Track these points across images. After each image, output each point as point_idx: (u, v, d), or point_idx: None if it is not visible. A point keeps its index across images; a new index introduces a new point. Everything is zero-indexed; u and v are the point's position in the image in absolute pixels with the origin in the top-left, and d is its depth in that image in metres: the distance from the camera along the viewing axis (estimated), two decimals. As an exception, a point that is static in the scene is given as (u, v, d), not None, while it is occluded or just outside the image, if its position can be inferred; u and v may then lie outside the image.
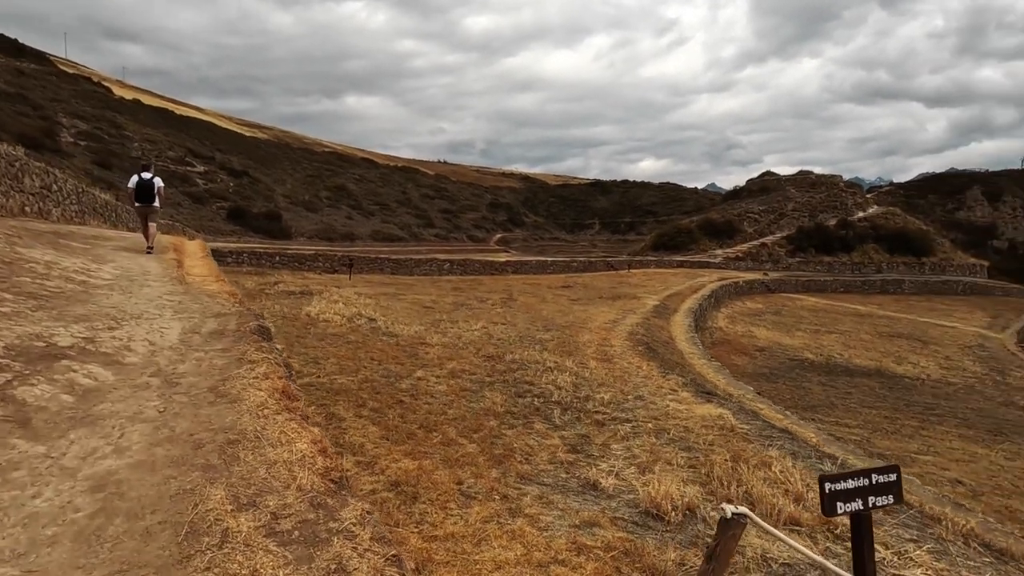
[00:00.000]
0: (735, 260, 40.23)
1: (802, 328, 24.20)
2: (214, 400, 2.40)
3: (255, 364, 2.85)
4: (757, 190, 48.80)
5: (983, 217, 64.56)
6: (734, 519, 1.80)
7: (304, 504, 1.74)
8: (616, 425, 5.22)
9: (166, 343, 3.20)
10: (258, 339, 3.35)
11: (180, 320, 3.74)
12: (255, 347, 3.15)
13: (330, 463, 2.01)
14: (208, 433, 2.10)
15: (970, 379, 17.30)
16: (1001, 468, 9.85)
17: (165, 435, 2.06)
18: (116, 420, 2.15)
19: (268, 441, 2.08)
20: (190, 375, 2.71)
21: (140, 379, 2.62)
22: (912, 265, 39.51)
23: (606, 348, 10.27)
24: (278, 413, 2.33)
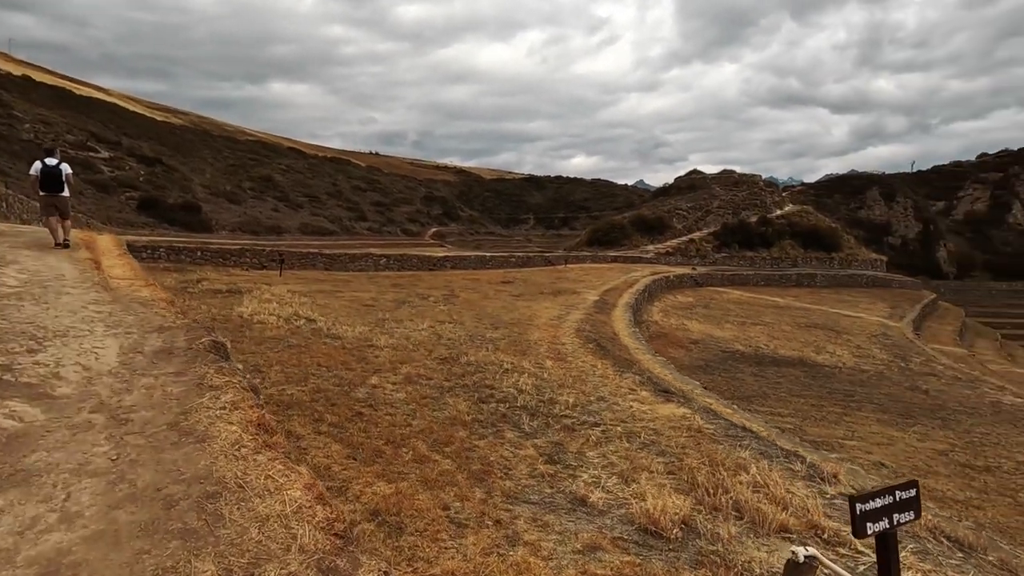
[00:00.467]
0: (665, 255, 41.77)
1: (730, 320, 25.41)
2: (178, 440, 2.03)
3: (219, 390, 2.48)
4: (685, 187, 50.83)
5: (880, 216, 70.66)
6: (805, 563, 1.71)
7: (312, 571, 1.46)
8: (586, 430, 5.13)
9: (104, 367, 2.74)
10: (215, 358, 2.94)
11: (115, 337, 3.23)
12: (214, 369, 2.76)
13: (331, 512, 1.74)
14: (179, 486, 1.75)
15: (879, 366, 18.85)
16: (915, 449, 10.74)
17: (125, 492, 1.70)
18: (57, 475, 1.75)
19: (254, 490, 1.77)
20: (142, 408, 2.30)
21: (79, 417, 2.19)
22: (823, 260, 42.56)
23: (558, 346, 10.24)
24: (258, 452, 2.00)
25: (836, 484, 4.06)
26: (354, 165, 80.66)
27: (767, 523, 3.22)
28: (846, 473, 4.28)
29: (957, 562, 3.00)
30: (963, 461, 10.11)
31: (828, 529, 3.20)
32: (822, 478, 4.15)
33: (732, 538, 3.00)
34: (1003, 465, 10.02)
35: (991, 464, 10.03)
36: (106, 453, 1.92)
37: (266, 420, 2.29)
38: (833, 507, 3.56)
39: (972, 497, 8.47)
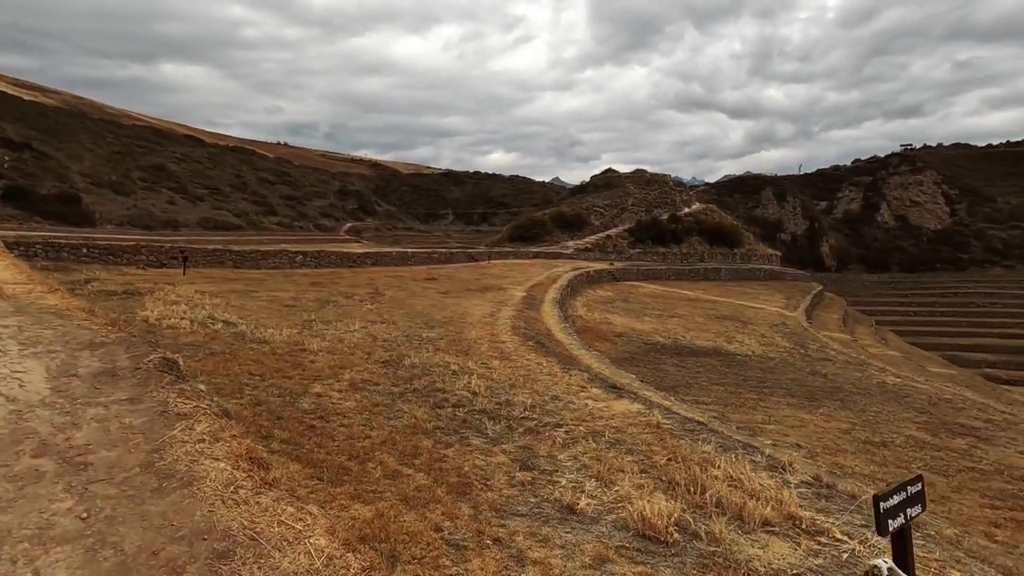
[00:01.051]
0: (584, 251, 42.96)
1: (648, 314, 26.55)
2: (159, 486, 1.67)
3: (189, 419, 2.10)
4: (601, 186, 52.51)
5: (773, 214, 76.93)
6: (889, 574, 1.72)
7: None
8: (550, 431, 5.07)
9: (33, 396, 2.24)
10: (172, 379, 2.52)
11: (37, 357, 2.68)
12: (175, 392, 2.35)
13: (364, 559, 1.51)
14: (179, 545, 1.42)
15: (783, 353, 20.51)
16: (824, 430, 11.76)
17: (112, 562, 1.34)
18: (13, 547, 1.34)
19: (271, 542, 1.49)
20: (100, 447, 1.88)
21: (20, 463, 1.75)
22: (727, 255, 45.63)
23: (499, 345, 10.14)
24: (259, 493, 1.71)
25: (794, 472, 4.27)
26: (261, 156, 75.86)
27: (751, 518, 3.31)
28: (800, 462, 4.52)
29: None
30: (864, 438, 11.20)
31: (804, 519, 3.34)
32: (782, 468, 4.34)
33: (725, 536, 3.05)
34: (895, 440, 11.22)
35: (886, 440, 11.21)
36: (71, 510, 1.52)
37: (256, 452, 1.97)
38: (802, 496, 3.73)
39: (876, 471, 9.39)
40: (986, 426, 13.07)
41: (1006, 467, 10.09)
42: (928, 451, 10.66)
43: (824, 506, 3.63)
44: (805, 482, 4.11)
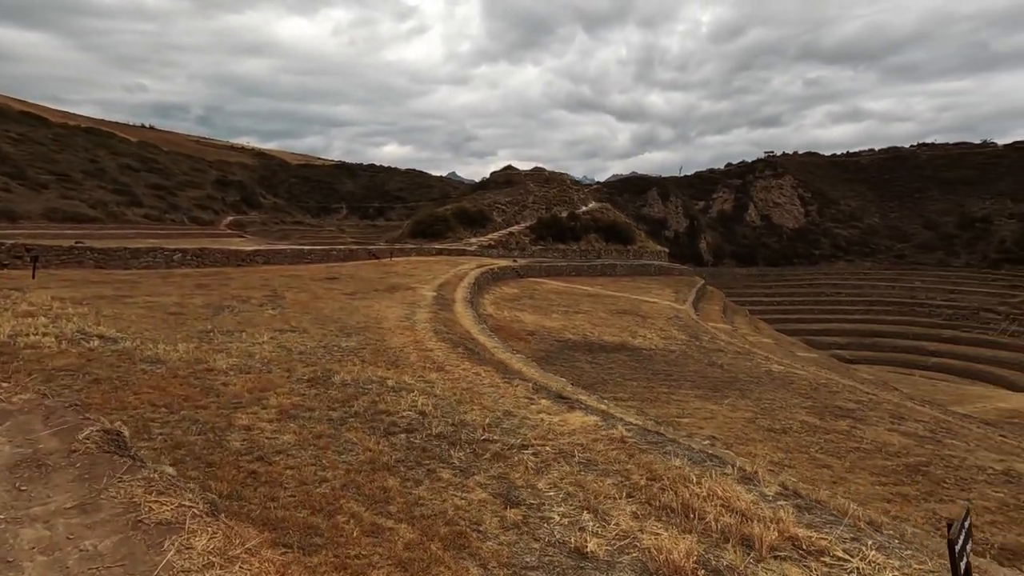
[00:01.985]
0: (488, 248, 42.98)
1: (555, 310, 27.08)
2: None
3: (179, 530, 1.50)
4: (502, 182, 52.82)
5: (658, 212, 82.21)
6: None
7: None
8: (518, 455, 4.78)
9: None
10: (128, 461, 1.87)
11: None
12: (141, 485, 1.72)
13: None
14: None
15: (682, 346, 21.86)
16: (732, 420, 12.60)
17: None
18: None
19: None
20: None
21: None
22: (621, 252, 47.94)
23: (428, 353, 9.63)
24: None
25: (766, 484, 4.35)
26: (122, 139, 67.25)
27: (759, 544, 3.26)
28: (764, 471, 4.63)
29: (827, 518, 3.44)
30: (767, 426, 12.16)
31: (803, 539, 3.36)
32: (754, 479, 4.41)
33: (747, 570, 2.97)
34: (792, 426, 12.31)
35: (785, 426, 12.25)
36: None
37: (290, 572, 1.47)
38: (789, 511, 3.78)
39: (783, 458, 10.20)
40: (859, 407, 14.80)
41: (882, 444, 11.45)
42: (819, 435, 11.81)
43: (809, 520, 3.69)
44: (779, 493, 4.20)
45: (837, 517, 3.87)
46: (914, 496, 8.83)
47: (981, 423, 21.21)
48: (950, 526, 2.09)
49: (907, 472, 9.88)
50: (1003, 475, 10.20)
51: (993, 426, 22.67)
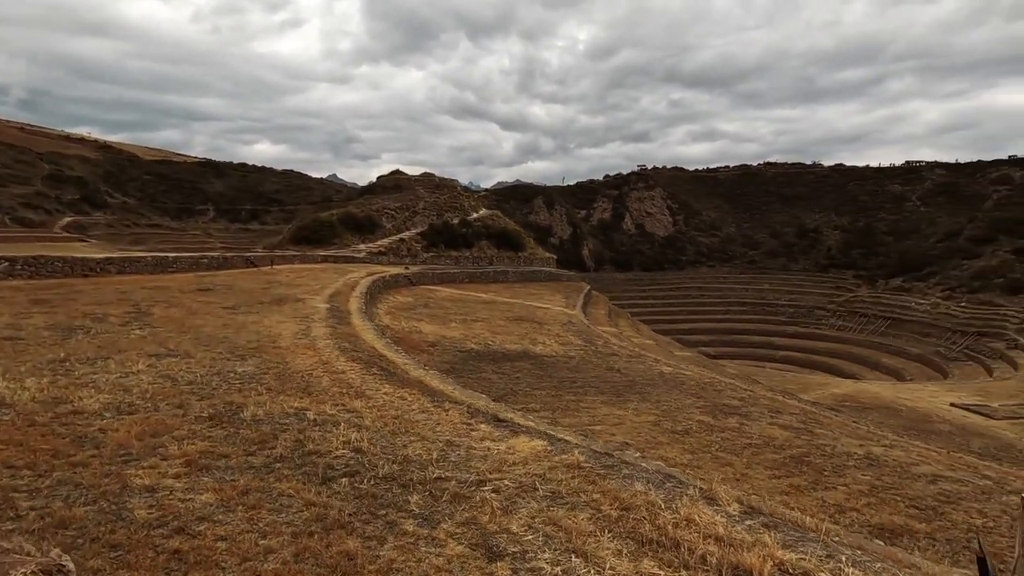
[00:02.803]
0: (378, 254, 41.44)
1: (453, 319, 26.71)
2: None
3: None
4: (391, 187, 51.32)
5: (544, 220, 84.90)
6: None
7: None
8: (479, 493, 4.45)
9: None
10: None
11: None
12: None
13: None
14: None
15: (580, 352, 22.56)
16: (639, 424, 13.13)
17: None
18: None
19: None
20: None
21: None
22: (512, 259, 48.69)
23: (340, 376, 8.83)
24: None
25: (727, 503, 4.44)
26: (-86, 121, 55.53)
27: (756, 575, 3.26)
28: (719, 487, 4.74)
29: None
30: (670, 428, 12.82)
31: (789, 563, 3.42)
32: (716, 500, 4.48)
33: (757, 607, 2.93)
34: (692, 427, 13.11)
35: (686, 427, 13.02)
36: None
37: None
38: (764, 532, 3.85)
39: (691, 459, 10.79)
40: (742, 404, 16.22)
41: (769, 439, 12.59)
42: (716, 433, 12.70)
43: (782, 539, 3.79)
44: (743, 512, 4.29)
45: (801, 532, 4.02)
46: (804, 486, 9.77)
47: (827, 409, 24.35)
48: (979, 544, 2.20)
49: (794, 464, 10.93)
50: (866, 459, 11.67)
51: (835, 411, 26.09)
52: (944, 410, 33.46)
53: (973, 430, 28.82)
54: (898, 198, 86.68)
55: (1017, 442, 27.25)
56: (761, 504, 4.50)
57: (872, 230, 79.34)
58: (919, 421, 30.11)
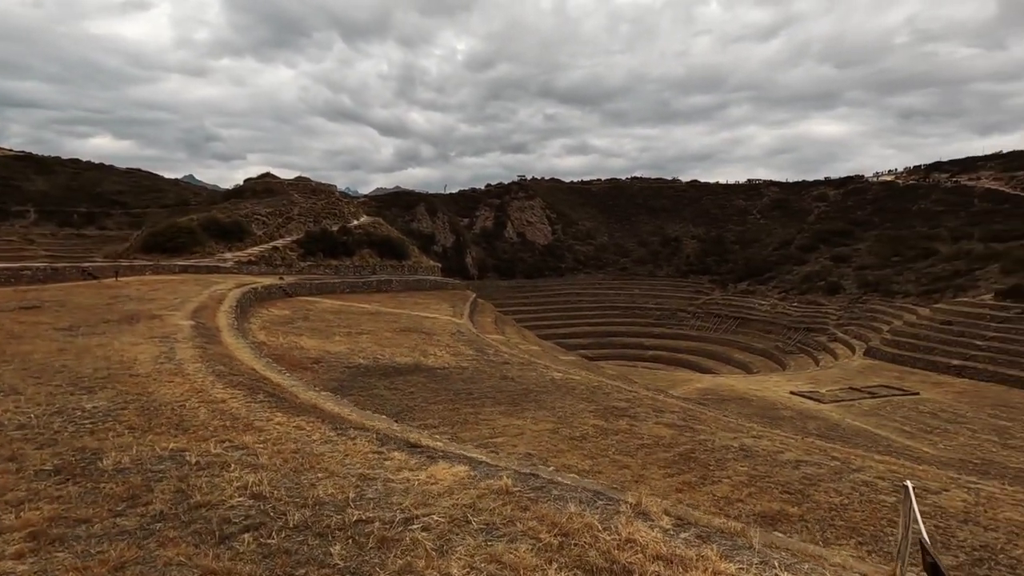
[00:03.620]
0: (248, 264, 38.13)
1: (337, 332, 25.28)
2: None
3: None
4: (261, 191, 47.60)
5: (427, 228, 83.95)
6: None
7: None
8: (408, 534, 4.07)
9: None
10: None
11: None
12: None
13: None
14: None
15: (473, 362, 22.35)
16: (538, 433, 13.21)
17: None
18: None
19: None
20: None
21: None
22: (396, 267, 47.40)
23: (219, 406, 7.76)
24: None
25: (658, 516, 4.50)
26: None
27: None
28: (647, 500, 4.81)
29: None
30: (568, 435, 13.07)
31: (731, 575, 3.50)
32: (648, 514, 4.52)
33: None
34: (588, 432, 13.49)
35: (583, 433, 13.35)
36: None
37: None
38: (700, 545, 3.93)
39: (592, 465, 11.04)
40: (629, 405, 17.06)
41: (658, 438, 13.34)
42: (611, 436, 13.19)
43: (718, 551, 3.88)
44: (675, 524, 4.36)
45: (731, 539, 4.16)
46: (695, 482, 10.44)
47: (697, 403, 26.60)
48: (923, 548, 2.37)
49: (683, 461, 11.66)
50: (741, 451, 12.81)
51: (703, 404, 28.56)
52: (786, 398, 38.11)
53: (809, 414, 33.12)
54: (742, 211, 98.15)
55: (841, 422, 31.77)
56: (687, 514, 4.62)
57: (722, 239, 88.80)
58: (767, 409, 34.01)
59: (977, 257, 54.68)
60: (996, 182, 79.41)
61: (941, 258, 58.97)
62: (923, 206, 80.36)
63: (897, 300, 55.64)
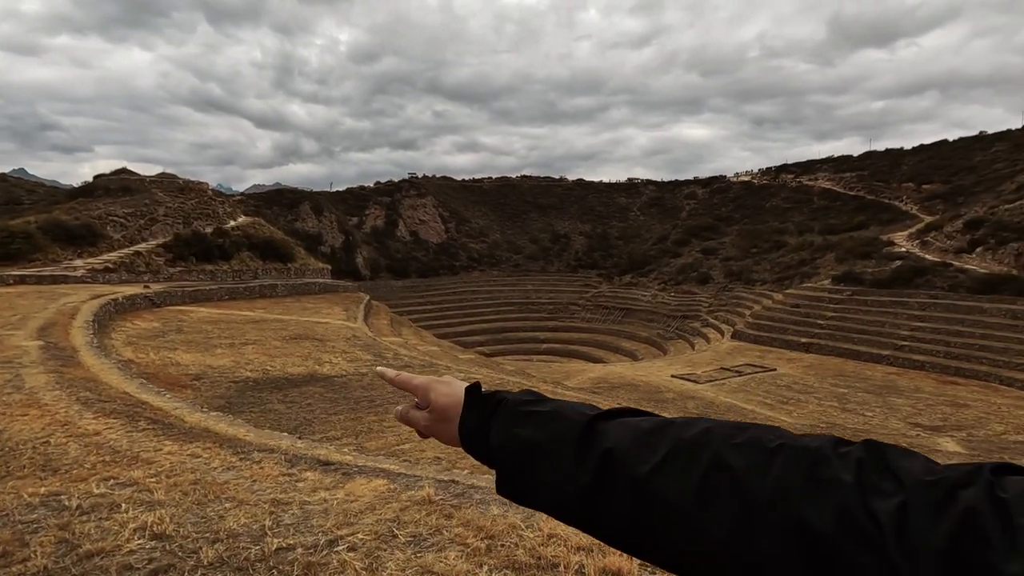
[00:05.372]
0: (104, 272, 33.96)
1: (219, 344, 23.46)
2: None
3: None
4: (117, 189, 42.52)
5: (313, 228, 79.94)
6: None
7: None
8: (334, 557, 4.02)
9: None
10: None
11: None
12: None
13: None
14: None
15: (372, 367, 21.73)
16: (445, 436, 13.15)
17: None
18: None
19: None
20: None
21: None
22: (281, 271, 44.71)
23: (94, 439, 6.94)
24: None
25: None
26: None
27: (627, 573, 3.60)
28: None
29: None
30: (475, 435, 13.24)
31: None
32: (565, 506, 4.84)
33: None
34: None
35: (488, 431, 13.57)
36: None
37: None
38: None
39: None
40: (531, 401, 17.63)
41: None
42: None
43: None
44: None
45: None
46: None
47: (591, 393, 28.09)
48: None
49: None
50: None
51: (597, 393, 30.20)
52: (668, 381, 41.37)
53: (688, 394, 36.25)
54: (624, 209, 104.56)
55: (715, 400, 35.14)
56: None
57: (607, 235, 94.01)
58: (653, 392, 36.73)
59: (817, 248, 62.98)
60: (830, 182, 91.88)
61: (790, 249, 67.14)
62: (774, 203, 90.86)
63: (756, 287, 62.52)
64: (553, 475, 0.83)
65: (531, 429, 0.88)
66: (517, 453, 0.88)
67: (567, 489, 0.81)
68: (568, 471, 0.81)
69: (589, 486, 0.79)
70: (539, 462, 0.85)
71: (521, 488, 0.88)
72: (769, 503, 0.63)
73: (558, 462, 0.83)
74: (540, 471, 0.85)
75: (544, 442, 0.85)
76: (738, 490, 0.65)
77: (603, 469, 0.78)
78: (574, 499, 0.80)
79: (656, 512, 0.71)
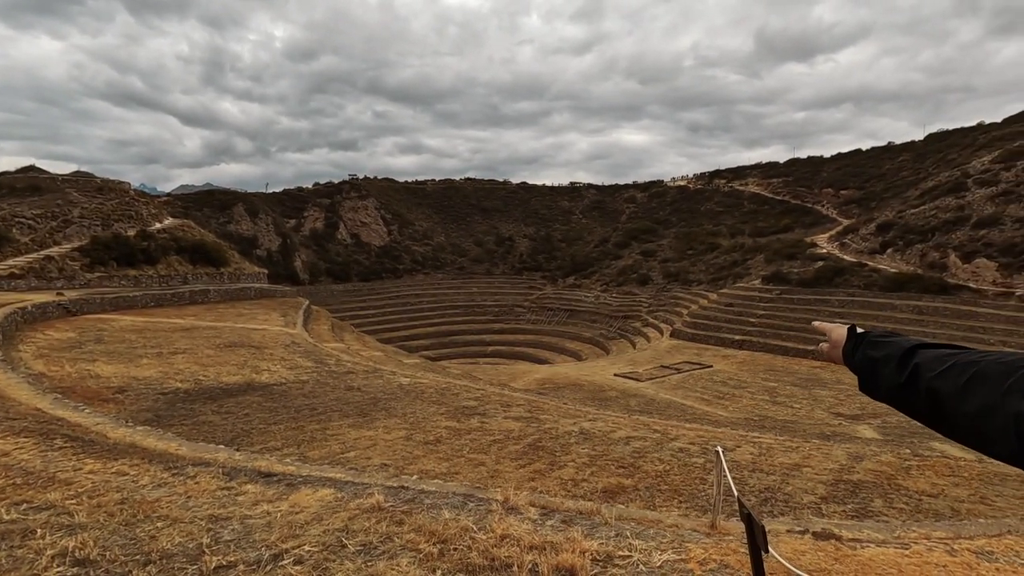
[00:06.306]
0: (10, 279, 31.21)
1: (145, 354, 22.05)
2: None
3: None
4: (24, 189, 39.22)
5: (248, 230, 76.56)
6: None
7: None
8: (280, 571, 3.85)
9: None
10: None
11: None
12: None
13: None
14: None
15: (313, 374, 21.00)
16: (392, 442, 12.93)
17: None
18: None
19: None
20: None
21: None
22: (213, 275, 42.54)
23: (3, 460, 6.33)
24: None
25: (525, 509, 4.87)
26: None
27: (580, 572, 3.65)
28: (513, 496, 5.15)
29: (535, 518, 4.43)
30: (422, 440, 13.05)
31: (593, 551, 3.95)
32: (517, 509, 4.86)
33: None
34: (442, 435, 13.59)
35: (436, 436, 13.41)
36: None
37: None
38: (565, 528, 4.35)
39: (448, 467, 11.18)
40: (479, 403, 17.57)
41: (508, 432, 13.98)
42: (464, 436, 13.49)
43: (581, 531, 4.33)
44: (541, 514, 4.74)
45: (591, 519, 4.67)
46: (544, 469, 11.21)
47: (537, 394, 28.35)
48: (740, 502, 2.95)
49: (532, 451, 12.42)
50: (581, 435, 14.04)
51: (542, 394, 30.51)
52: (611, 380, 42.31)
53: (630, 392, 37.22)
54: (567, 212, 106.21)
55: (656, 397, 36.24)
56: (550, 502, 5.05)
57: (551, 238, 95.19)
58: (597, 392, 37.45)
59: (748, 249, 66.25)
60: (758, 187, 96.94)
61: (723, 251, 70.28)
62: (708, 207, 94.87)
63: (693, 287, 65.03)
64: (885, 379, 1.32)
65: (877, 351, 1.37)
66: (868, 366, 1.38)
67: (892, 386, 1.29)
68: (893, 376, 1.29)
69: (903, 384, 1.26)
70: (879, 370, 1.34)
71: (871, 387, 1.37)
72: (1002, 399, 1.03)
73: (888, 371, 1.31)
74: (879, 376, 1.34)
75: (881, 359, 1.34)
76: (985, 390, 1.07)
77: (911, 375, 1.25)
78: (896, 392, 1.29)
79: (937, 399, 1.17)
